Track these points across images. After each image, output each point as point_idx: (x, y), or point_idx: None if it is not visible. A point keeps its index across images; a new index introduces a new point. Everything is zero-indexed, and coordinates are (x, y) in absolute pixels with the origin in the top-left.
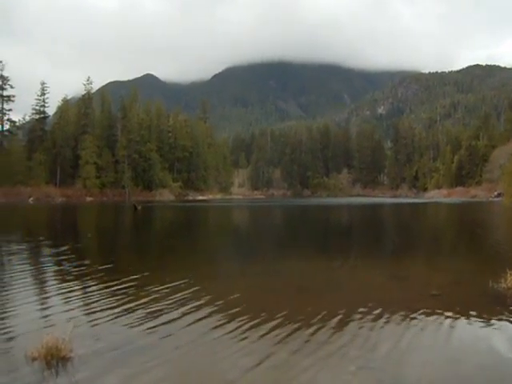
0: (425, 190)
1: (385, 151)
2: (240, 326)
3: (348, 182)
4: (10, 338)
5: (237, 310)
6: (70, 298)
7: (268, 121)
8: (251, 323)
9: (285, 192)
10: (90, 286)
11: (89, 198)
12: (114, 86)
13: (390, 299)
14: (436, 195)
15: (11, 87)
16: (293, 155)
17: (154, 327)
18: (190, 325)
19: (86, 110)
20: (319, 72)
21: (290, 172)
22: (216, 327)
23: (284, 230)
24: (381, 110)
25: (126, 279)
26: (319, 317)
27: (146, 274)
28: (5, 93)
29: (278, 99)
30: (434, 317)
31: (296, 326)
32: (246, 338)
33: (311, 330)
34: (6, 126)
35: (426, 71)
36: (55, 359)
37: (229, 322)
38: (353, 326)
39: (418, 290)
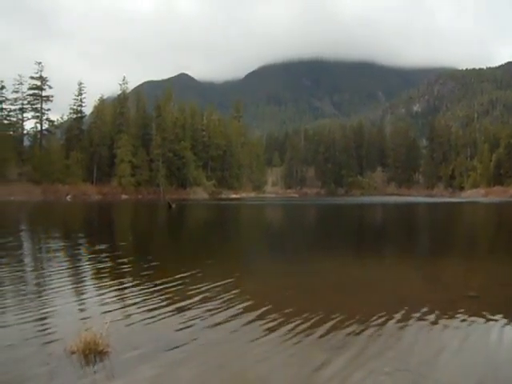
0: (461, 189)
1: (420, 150)
2: (274, 325)
3: (382, 181)
4: (51, 333)
5: (271, 309)
6: (107, 294)
7: (302, 119)
8: (286, 322)
9: (318, 191)
10: (127, 283)
11: (124, 196)
12: (149, 86)
13: (426, 300)
14: (473, 195)
15: (50, 87)
16: (327, 154)
17: (189, 324)
18: (224, 323)
19: (121, 110)
20: (353, 70)
21: (324, 171)
22: (250, 326)
23: (318, 229)
24: (416, 108)
25: (161, 277)
26: (355, 317)
27: (182, 271)
28: (44, 93)
29: (311, 97)
30: (472, 319)
31: (331, 325)
32: (280, 337)
33: (347, 330)
34: (45, 126)
35: (463, 68)
36: (93, 353)
37: (263, 321)
38: (389, 326)
39: (456, 291)
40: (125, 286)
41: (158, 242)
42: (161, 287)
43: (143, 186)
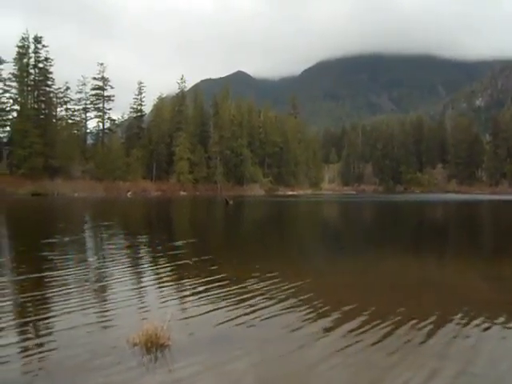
0: None
1: (483, 145)
2: (330, 323)
3: (443, 178)
4: (114, 325)
5: (327, 306)
6: (168, 288)
7: (359, 115)
8: (342, 321)
9: (376, 188)
10: (187, 278)
11: (182, 193)
12: (206, 84)
13: (487, 300)
14: None
15: (111, 88)
16: (385, 150)
17: (247, 320)
18: (281, 320)
19: (179, 108)
20: (412, 63)
21: (382, 167)
22: (308, 324)
23: (375, 227)
24: (479, 102)
25: (220, 273)
26: (414, 317)
27: (240, 268)
28: (105, 93)
29: (369, 93)
30: None
31: (390, 325)
32: (338, 336)
33: (405, 330)
34: (107, 125)
35: None
36: (154, 346)
37: (318, 319)
38: (450, 327)
39: None
40: (185, 281)
41: (217, 239)
42: (220, 283)
43: (201, 183)
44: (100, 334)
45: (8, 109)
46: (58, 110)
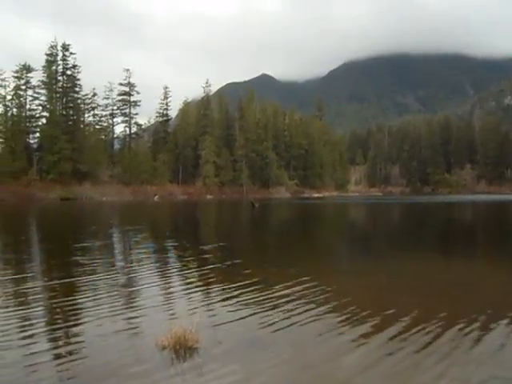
0: None
1: None
2: (369, 328)
3: (472, 179)
4: (143, 327)
5: (364, 310)
6: (196, 292)
7: (385, 116)
8: (382, 325)
9: (403, 189)
10: (215, 282)
11: (208, 196)
12: (231, 88)
13: None
14: None
15: (137, 93)
16: (412, 151)
17: (275, 323)
18: (309, 323)
19: (205, 112)
20: (439, 63)
21: (409, 168)
22: (344, 328)
23: (401, 229)
24: (508, 101)
25: (248, 276)
26: (459, 322)
27: (271, 270)
28: (132, 98)
29: (395, 93)
30: None
31: (434, 330)
32: (364, 338)
33: (434, 333)
34: (133, 129)
35: None
36: (183, 349)
37: (357, 324)
38: (499, 332)
39: None
40: (215, 284)
41: (246, 242)
42: (250, 287)
43: (227, 186)
44: (129, 337)
45: (37, 115)
46: (86, 115)
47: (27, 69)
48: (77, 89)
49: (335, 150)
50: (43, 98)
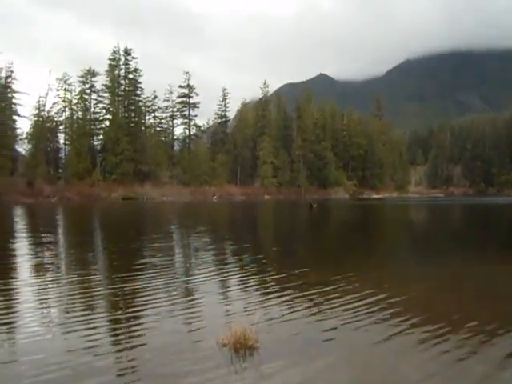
0: None
1: None
2: (423, 334)
3: None
4: (204, 325)
5: (415, 314)
6: (255, 292)
7: (446, 115)
8: (441, 332)
9: (466, 190)
10: (274, 283)
11: (266, 197)
12: (288, 88)
13: None
14: None
15: (196, 95)
16: (475, 151)
17: (335, 326)
18: (370, 327)
19: (263, 113)
20: (503, 59)
21: (472, 169)
22: (397, 333)
23: (466, 231)
24: None
25: (306, 278)
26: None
27: (331, 271)
28: (191, 100)
29: (456, 91)
30: None
31: (484, 335)
32: (429, 346)
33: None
34: (193, 131)
35: None
36: (243, 348)
37: (415, 328)
38: None
39: None
40: (272, 285)
41: (305, 243)
42: (307, 289)
43: (284, 187)
44: (190, 334)
45: (101, 118)
46: (147, 118)
47: (91, 73)
48: (138, 92)
49: (395, 150)
50: (106, 101)
